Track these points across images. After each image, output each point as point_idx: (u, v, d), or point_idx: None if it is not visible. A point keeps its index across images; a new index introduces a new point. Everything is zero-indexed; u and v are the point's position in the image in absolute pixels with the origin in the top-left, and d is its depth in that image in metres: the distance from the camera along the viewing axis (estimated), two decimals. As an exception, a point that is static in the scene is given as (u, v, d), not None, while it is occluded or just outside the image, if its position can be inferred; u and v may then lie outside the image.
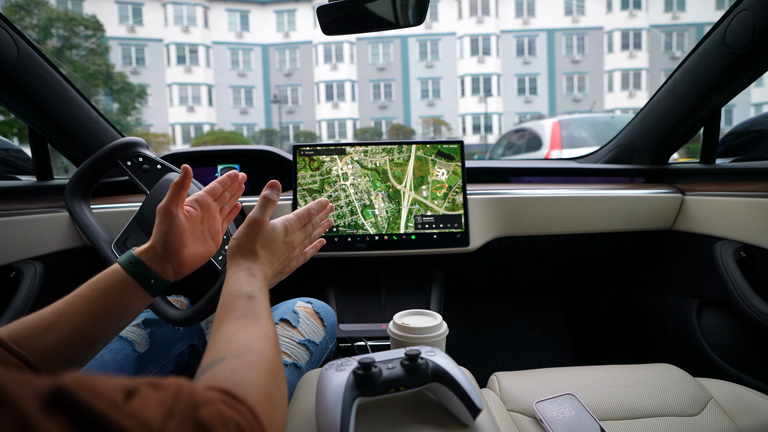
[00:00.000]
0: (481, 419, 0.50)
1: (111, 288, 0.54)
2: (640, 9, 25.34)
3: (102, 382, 0.22)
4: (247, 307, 0.46)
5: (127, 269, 0.55)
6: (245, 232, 0.56)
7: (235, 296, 0.48)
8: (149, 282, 0.56)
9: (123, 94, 16.96)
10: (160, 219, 0.57)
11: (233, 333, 0.42)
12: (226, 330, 0.43)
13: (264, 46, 27.37)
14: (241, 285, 0.50)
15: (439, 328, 0.67)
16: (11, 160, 1.29)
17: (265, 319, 0.46)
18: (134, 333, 0.72)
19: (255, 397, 0.33)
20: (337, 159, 1.09)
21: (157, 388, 0.25)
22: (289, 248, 0.60)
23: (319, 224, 0.66)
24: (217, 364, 0.37)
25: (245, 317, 0.45)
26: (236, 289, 0.49)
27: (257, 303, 0.47)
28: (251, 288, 0.49)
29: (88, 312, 0.52)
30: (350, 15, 0.84)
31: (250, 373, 0.36)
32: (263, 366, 0.38)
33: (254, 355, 0.39)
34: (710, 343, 1.04)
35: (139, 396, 0.23)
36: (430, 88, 27.34)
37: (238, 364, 0.37)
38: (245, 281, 0.50)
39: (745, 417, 0.67)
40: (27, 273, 0.95)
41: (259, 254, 0.55)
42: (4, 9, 14.52)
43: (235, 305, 0.46)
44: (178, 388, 0.26)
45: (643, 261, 1.31)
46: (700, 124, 1.16)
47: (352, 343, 0.95)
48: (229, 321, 0.44)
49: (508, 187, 1.19)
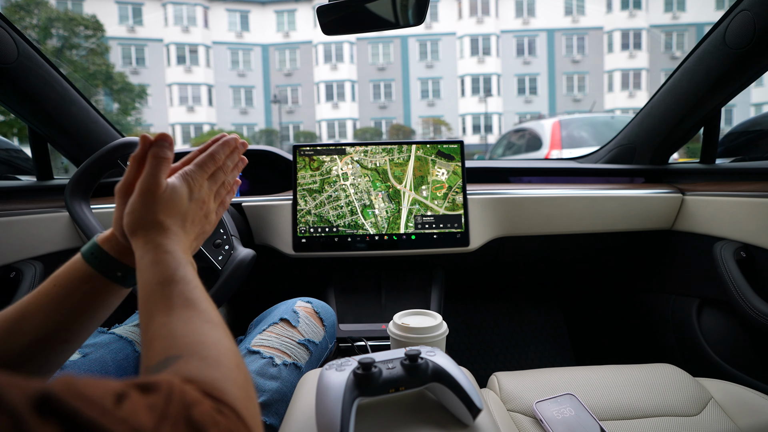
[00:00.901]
0: (481, 419, 0.50)
1: (73, 282, 0.47)
2: (640, 9, 25.35)
3: (91, 387, 0.21)
4: (178, 293, 0.40)
5: (88, 260, 0.48)
6: (140, 202, 0.46)
7: (158, 283, 0.41)
8: (115, 274, 0.48)
9: (123, 94, 16.97)
10: (118, 200, 0.49)
11: (174, 327, 0.37)
12: (162, 324, 0.37)
13: (264, 46, 27.37)
14: (159, 268, 0.42)
15: (439, 328, 0.67)
16: (11, 160, 1.29)
17: (203, 302, 0.40)
18: (134, 333, 0.72)
19: (234, 394, 0.31)
20: (337, 159, 1.09)
21: (147, 391, 0.24)
22: (200, 205, 0.51)
23: (231, 167, 0.56)
24: (174, 363, 0.33)
25: (180, 306, 0.39)
26: (155, 275, 0.41)
27: (185, 285, 0.41)
28: (172, 268, 0.42)
29: (52, 311, 0.46)
30: (350, 15, 0.84)
31: (219, 370, 0.33)
32: (228, 359, 0.35)
33: (214, 350, 0.35)
34: (710, 343, 1.04)
35: (130, 400, 0.22)
36: (430, 88, 27.35)
37: (201, 362, 0.33)
38: (162, 262, 0.42)
39: (745, 417, 0.67)
40: (27, 273, 0.95)
41: (165, 224, 0.46)
42: (4, 9, 14.52)
43: (162, 294, 0.40)
44: (169, 388, 0.26)
45: (643, 261, 1.31)
46: (700, 124, 1.16)
47: (352, 343, 0.95)
48: (162, 313, 0.38)
49: (508, 187, 1.19)
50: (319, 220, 1.08)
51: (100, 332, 0.71)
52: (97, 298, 0.48)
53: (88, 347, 0.67)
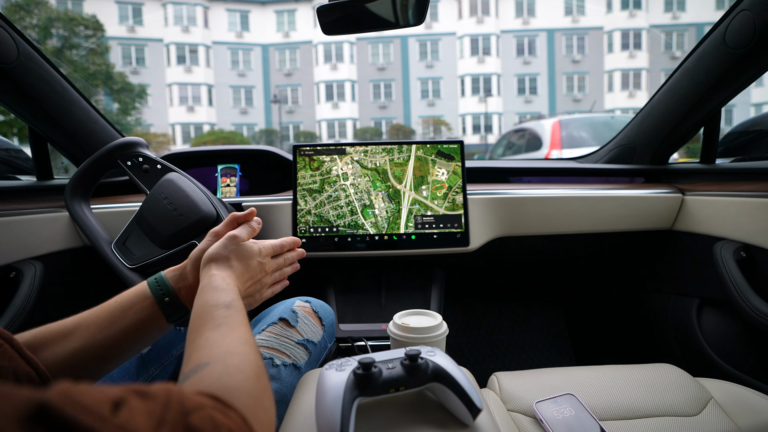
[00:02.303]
0: (481, 419, 0.50)
1: (131, 300, 0.54)
2: (640, 9, 25.33)
3: (87, 394, 0.21)
4: (226, 316, 0.46)
5: (150, 284, 0.56)
6: (221, 243, 0.57)
7: (213, 306, 0.47)
8: (163, 298, 0.55)
9: (123, 94, 16.96)
10: (207, 239, 0.60)
11: (214, 341, 0.42)
12: (206, 338, 0.42)
13: (264, 46, 27.37)
14: (218, 295, 0.49)
15: (439, 328, 0.67)
16: (11, 160, 1.29)
17: (244, 327, 0.46)
18: None
19: (243, 402, 0.33)
20: (337, 159, 1.09)
21: (144, 397, 0.24)
22: (262, 270, 0.60)
23: (290, 261, 0.66)
24: (202, 369, 0.36)
25: (225, 325, 0.44)
26: (213, 299, 0.48)
27: (235, 312, 0.47)
28: (228, 297, 0.49)
29: (104, 323, 0.52)
30: (350, 15, 0.84)
31: (237, 377, 0.36)
32: (249, 369, 0.38)
33: (239, 359, 0.39)
34: (710, 343, 1.04)
35: (127, 407, 0.22)
36: (430, 88, 27.34)
37: (223, 368, 0.37)
38: (222, 291, 0.50)
39: (745, 417, 0.67)
40: (27, 273, 0.95)
41: (233, 266, 0.55)
42: (4, 9, 14.51)
43: (213, 314, 0.46)
44: (167, 395, 0.26)
45: (643, 261, 1.31)
46: (700, 124, 1.16)
47: (352, 342, 0.95)
48: (208, 329, 0.44)
49: (508, 187, 1.19)
50: (319, 220, 1.08)
51: None
52: (144, 323, 0.54)
53: None
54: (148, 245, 0.79)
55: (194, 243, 0.77)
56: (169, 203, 0.78)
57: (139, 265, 0.78)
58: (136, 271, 0.78)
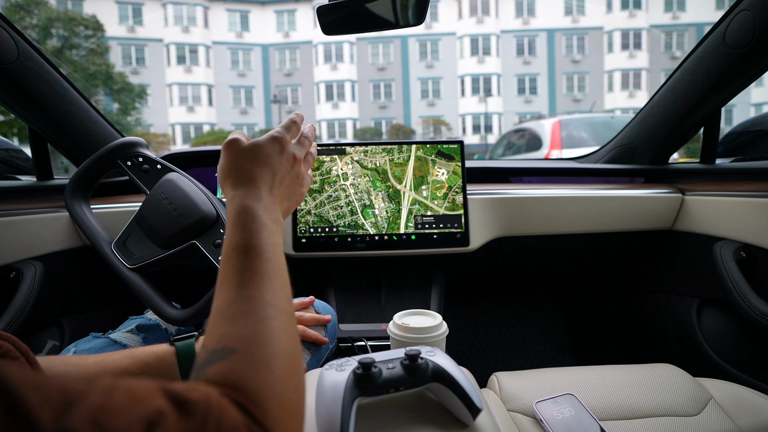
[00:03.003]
0: (481, 419, 0.50)
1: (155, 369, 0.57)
2: (640, 9, 25.34)
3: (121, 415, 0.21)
4: (245, 267, 0.37)
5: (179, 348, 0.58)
6: (225, 154, 0.46)
7: (233, 249, 0.39)
8: (188, 371, 0.57)
9: (123, 94, 16.97)
10: None
11: (236, 309, 0.35)
12: (229, 301, 0.36)
13: (264, 46, 27.37)
14: (237, 232, 0.40)
15: (439, 328, 0.67)
16: (11, 160, 1.29)
17: (271, 282, 0.37)
18: (128, 338, 0.72)
19: (275, 415, 0.30)
20: (337, 159, 1.09)
21: (183, 414, 0.23)
22: (291, 162, 0.48)
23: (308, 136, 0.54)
24: (227, 357, 0.32)
25: (246, 282, 0.36)
26: (233, 239, 0.39)
27: (257, 256, 0.38)
28: (248, 232, 0.39)
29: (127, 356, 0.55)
30: (350, 15, 0.84)
31: (266, 379, 0.31)
32: (279, 364, 0.33)
33: (268, 350, 0.33)
34: (710, 343, 1.04)
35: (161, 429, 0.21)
36: (430, 88, 27.34)
37: (252, 366, 0.32)
38: (241, 225, 0.40)
39: (745, 417, 0.67)
40: (27, 273, 0.95)
41: (254, 175, 0.44)
42: (4, 9, 14.51)
43: (234, 263, 0.38)
44: (206, 412, 0.25)
45: (643, 261, 1.31)
46: (700, 124, 1.16)
47: (352, 343, 0.95)
48: (231, 287, 0.36)
49: (508, 187, 1.19)
50: (319, 220, 1.08)
51: (95, 337, 0.72)
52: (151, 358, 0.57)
53: (84, 351, 0.68)
54: (148, 245, 0.79)
55: (194, 243, 0.77)
56: (169, 203, 0.78)
57: (139, 265, 0.78)
58: (136, 271, 0.78)
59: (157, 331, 0.76)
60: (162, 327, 0.77)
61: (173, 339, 0.60)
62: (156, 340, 0.75)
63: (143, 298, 0.76)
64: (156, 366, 0.57)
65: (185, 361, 0.57)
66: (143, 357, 0.57)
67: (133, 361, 0.56)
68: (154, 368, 0.56)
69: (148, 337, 0.74)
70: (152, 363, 0.56)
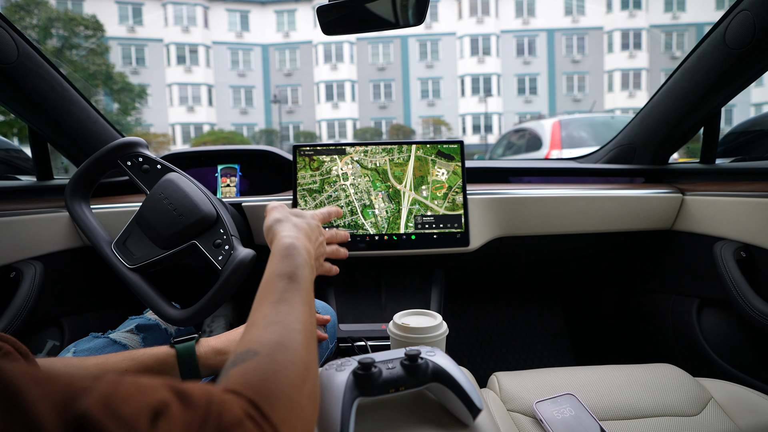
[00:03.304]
0: (481, 419, 0.50)
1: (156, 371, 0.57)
2: (640, 9, 25.33)
3: (129, 402, 0.22)
4: (286, 290, 0.45)
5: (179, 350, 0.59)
6: (276, 210, 0.58)
7: (277, 275, 0.47)
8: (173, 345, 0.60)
9: (123, 94, 16.96)
10: None
11: (270, 320, 0.41)
12: (264, 315, 0.42)
13: (264, 46, 27.36)
14: (284, 262, 0.48)
15: (439, 328, 0.67)
16: (11, 160, 1.29)
17: (303, 306, 0.44)
18: (127, 338, 0.72)
19: (282, 414, 0.32)
20: (337, 159, 1.09)
21: (186, 406, 0.25)
22: (320, 232, 0.60)
23: (336, 237, 0.68)
24: (250, 359, 0.36)
25: (284, 301, 0.43)
26: (278, 267, 0.48)
27: (297, 285, 0.46)
28: (293, 265, 0.48)
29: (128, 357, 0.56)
30: (350, 15, 0.84)
31: (281, 382, 0.35)
32: (295, 371, 0.37)
33: (289, 356, 0.37)
34: (710, 343, 1.04)
35: (166, 418, 0.23)
36: (430, 88, 27.33)
37: (269, 366, 0.36)
38: (288, 257, 0.49)
39: (745, 417, 0.67)
40: (27, 273, 0.95)
41: (297, 223, 0.55)
42: (4, 9, 14.51)
43: (275, 286, 0.45)
44: (207, 406, 0.26)
45: (643, 261, 1.31)
46: (700, 124, 1.16)
47: (352, 343, 0.95)
48: (267, 304, 0.43)
49: (508, 187, 1.19)
50: (319, 220, 1.07)
51: (95, 337, 0.71)
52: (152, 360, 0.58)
53: (84, 351, 0.68)
54: (148, 245, 0.79)
55: (194, 243, 0.77)
56: (169, 203, 0.78)
57: (139, 265, 0.78)
58: (136, 271, 0.78)
59: (157, 331, 0.76)
60: (162, 327, 0.77)
61: (173, 341, 0.60)
62: (156, 340, 0.75)
63: (143, 298, 0.76)
64: (156, 368, 0.57)
65: (185, 363, 0.58)
66: (143, 359, 0.57)
67: (133, 363, 0.56)
68: (154, 370, 0.57)
69: (148, 337, 0.74)
70: (153, 365, 0.57)
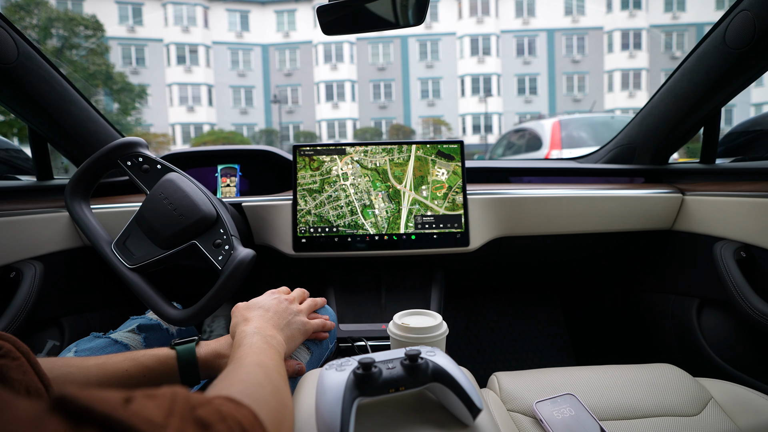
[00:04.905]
0: (481, 419, 0.50)
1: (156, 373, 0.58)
2: (640, 9, 25.33)
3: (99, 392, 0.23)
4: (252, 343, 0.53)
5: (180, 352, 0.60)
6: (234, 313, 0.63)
7: (243, 331, 0.55)
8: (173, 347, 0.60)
9: (123, 94, 16.96)
10: None
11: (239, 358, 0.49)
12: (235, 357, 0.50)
13: (264, 46, 27.36)
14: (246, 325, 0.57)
15: (439, 328, 0.67)
16: (11, 160, 1.29)
17: (260, 352, 0.51)
18: (129, 338, 0.72)
19: (259, 405, 0.35)
20: (337, 159, 1.09)
21: (152, 397, 0.26)
22: (280, 301, 0.65)
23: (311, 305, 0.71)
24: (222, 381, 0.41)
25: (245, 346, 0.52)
26: (243, 329, 0.56)
27: (259, 337, 0.54)
28: (253, 326, 0.56)
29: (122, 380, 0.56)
30: (350, 15, 0.84)
31: (255, 389, 0.40)
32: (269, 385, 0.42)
33: (261, 376, 0.43)
34: (710, 343, 1.04)
35: (137, 402, 0.24)
36: (430, 88, 27.33)
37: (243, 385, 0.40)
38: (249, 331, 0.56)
39: (745, 417, 0.67)
40: (27, 273, 0.95)
41: (246, 315, 0.60)
42: (4, 9, 14.51)
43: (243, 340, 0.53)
44: (173, 394, 0.27)
45: (643, 261, 1.31)
46: (700, 124, 1.16)
47: (352, 343, 0.95)
48: (236, 347, 0.52)
49: (508, 187, 1.19)
50: (319, 220, 1.08)
51: (96, 337, 0.71)
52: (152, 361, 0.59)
53: (85, 351, 0.68)
54: (148, 245, 0.79)
55: (194, 243, 0.77)
56: (169, 203, 0.78)
57: (139, 265, 0.78)
58: (136, 271, 0.78)
59: (158, 331, 0.77)
60: (163, 327, 0.78)
61: (174, 343, 0.60)
62: (157, 340, 0.75)
63: (143, 298, 0.76)
64: (157, 369, 0.57)
65: (186, 364, 0.58)
66: (144, 360, 0.57)
67: (134, 363, 0.56)
68: (155, 371, 0.57)
69: (149, 337, 0.75)
70: (153, 366, 0.57)
